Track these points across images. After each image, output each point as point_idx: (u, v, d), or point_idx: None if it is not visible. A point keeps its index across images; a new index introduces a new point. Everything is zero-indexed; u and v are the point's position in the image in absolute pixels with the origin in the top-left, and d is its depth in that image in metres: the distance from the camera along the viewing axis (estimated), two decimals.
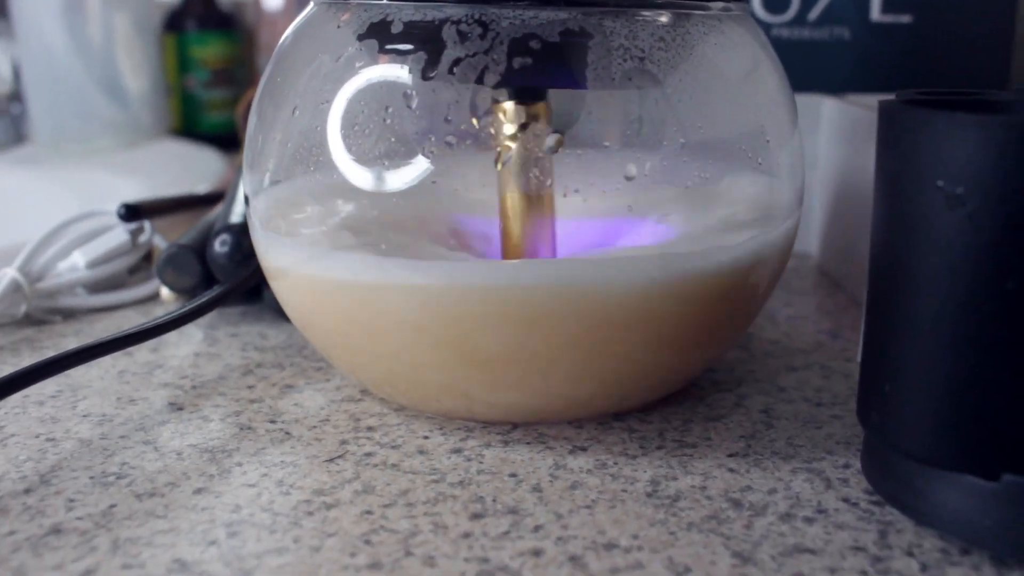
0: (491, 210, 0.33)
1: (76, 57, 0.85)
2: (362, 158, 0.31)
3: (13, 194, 0.82)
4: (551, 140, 0.31)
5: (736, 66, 0.34)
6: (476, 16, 0.30)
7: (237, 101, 0.97)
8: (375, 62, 0.31)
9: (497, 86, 0.30)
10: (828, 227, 0.54)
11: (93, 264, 0.48)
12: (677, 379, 0.36)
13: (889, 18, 0.58)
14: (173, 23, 0.96)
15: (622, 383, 0.34)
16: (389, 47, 0.31)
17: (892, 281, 0.26)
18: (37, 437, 0.34)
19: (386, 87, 0.31)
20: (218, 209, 0.52)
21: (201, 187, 0.69)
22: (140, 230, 0.51)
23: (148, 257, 0.53)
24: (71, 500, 0.30)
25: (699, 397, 0.37)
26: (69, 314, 0.47)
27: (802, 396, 0.37)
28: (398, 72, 0.31)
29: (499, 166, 0.31)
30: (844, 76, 0.58)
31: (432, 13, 0.30)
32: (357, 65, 0.31)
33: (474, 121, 0.31)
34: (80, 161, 0.85)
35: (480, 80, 0.29)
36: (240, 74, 0.98)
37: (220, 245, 0.44)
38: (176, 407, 0.37)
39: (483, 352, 0.32)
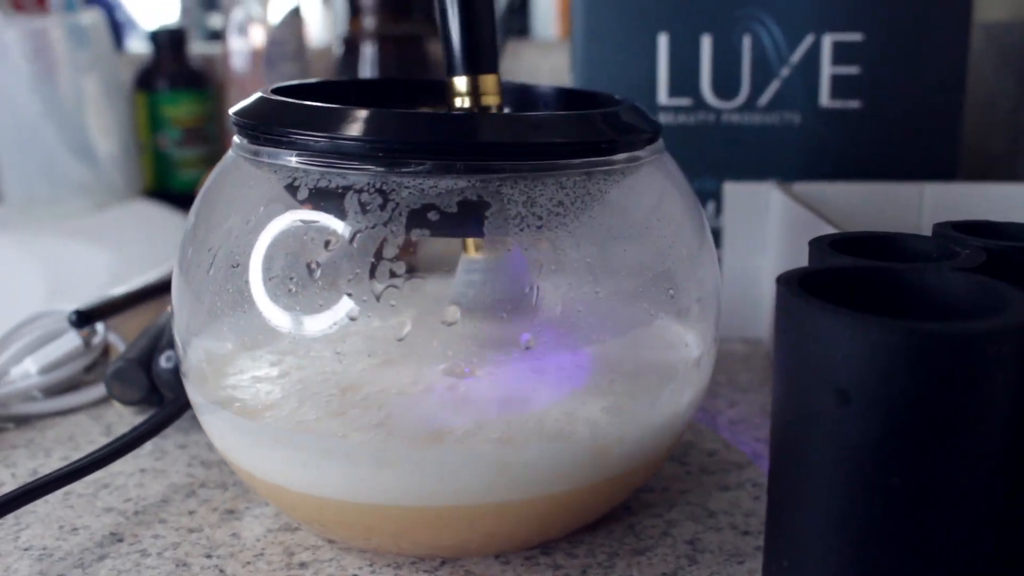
0: (397, 378, 0.34)
1: (47, 121, 0.86)
2: (272, 322, 0.32)
3: None
4: (449, 314, 0.32)
5: (641, 212, 0.34)
6: (378, 185, 0.30)
7: (209, 158, 0.98)
8: (281, 230, 0.32)
9: (395, 258, 0.31)
10: None
11: (46, 370, 0.49)
12: (599, 511, 0.36)
13: (838, 104, 0.59)
14: (144, 81, 0.96)
15: (540, 523, 0.35)
16: (295, 212, 0.32)
17: (787, 465, 0.27)
18: None
19: (292, 256, 0.32)
20: (169, 309, 0.52)
21: (167, 263, 0.69)
22: (93, 332, 0.52)
23: (105, 352, 0.54)
24: None
25: (629, 524, 0.38)
26: (23, 420, 0.48)
27: (730, 523, 0.38)
28: (303, 241, 0.32)
29: (399, 340, 0.32)
30: (794, 161, 0.59)
31: (336, 180, 0.31)
32: (265, 232, 0.32)
33: (374, 293, 0.31)
34: (51, 225, 0.85)
35: (379, 253, 0.30)
36: (212, 131, 0.98)
37: (165, 361, 0.44)
38: (117, 538, 0.37)
39: (400, 510, 0.32)
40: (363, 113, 0.31)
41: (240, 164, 0.35)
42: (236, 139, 0.35)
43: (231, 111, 0.34)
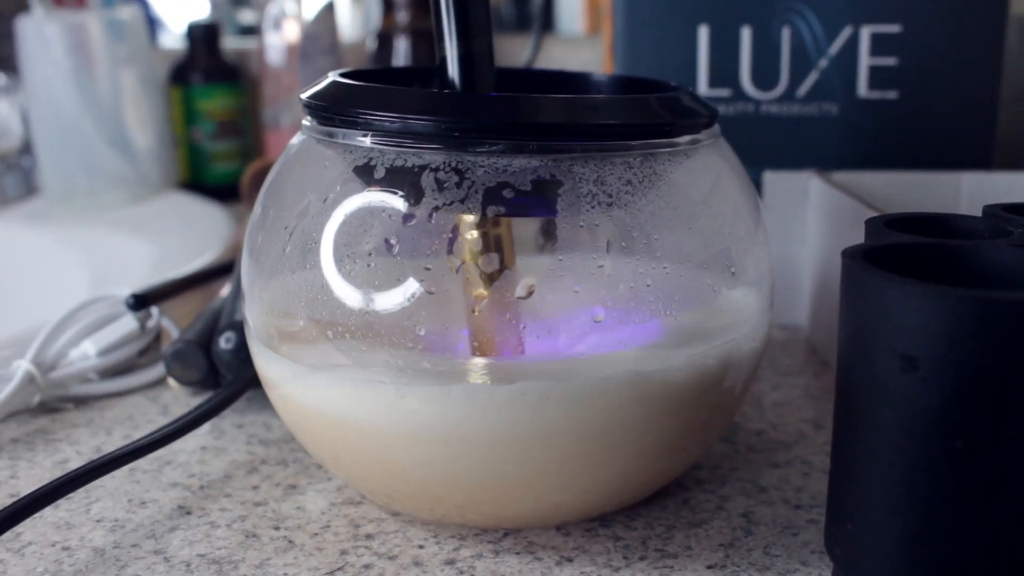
0: (471, 347, 0.35)
1: (85, 114, 0.87)
2: (350, 295, 0.33)
3: (24, 251, 0.84)
4: (522, 288, 0.33)
5: (702, 192, 0.36)
6: (452, 164, 0.31)
7: (243, 152, 0.99)
8: (359, 207, 0.33)
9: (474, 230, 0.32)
10: (816, 302, 0.56)
11: (104, 352, 0.50)
12: (658, 482, 0.37)
13: (876, 94, 0.60)
14: (179, 75, 0.98)
15: (603, 490, 0.36)
16: (373, 191, 0.33)
17: (852, 430, 0.28)
18: (53, 546, 0.36)
19: (370, 232, 0.33)
20: (225, 291, 0.53)
21: (206, 253, 0.71)
22: (148, 316, 0.53)
23: (157, 338, 0.55)
24: None
25: (683, 499, 0.39)
26: (81, 401, 0.49)
27: (782, 497, 0.39)
28: (381, 218, 0.33)
29: (476, 311, 0.33)
30: (832, 151, 0.60)
31: (412, 160, 0.32)
32: (342, 209, 0.33)
33: (451, 267, 0.32)
34: (89, 217, 0.87)
35: (456, 228, 0.31)
36: (244, 124, 1.00)
37: (225, 342, 0.46)
38: (185, 511, 0.39)
39: (470, 468, 0.33)
40: (437, 95, 0.32)
41: (312, 146, 0.36)
42: (306, 122, 0.36)
43: (302, 95, 0.36)
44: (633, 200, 0.32)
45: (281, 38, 0.93)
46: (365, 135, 0.33)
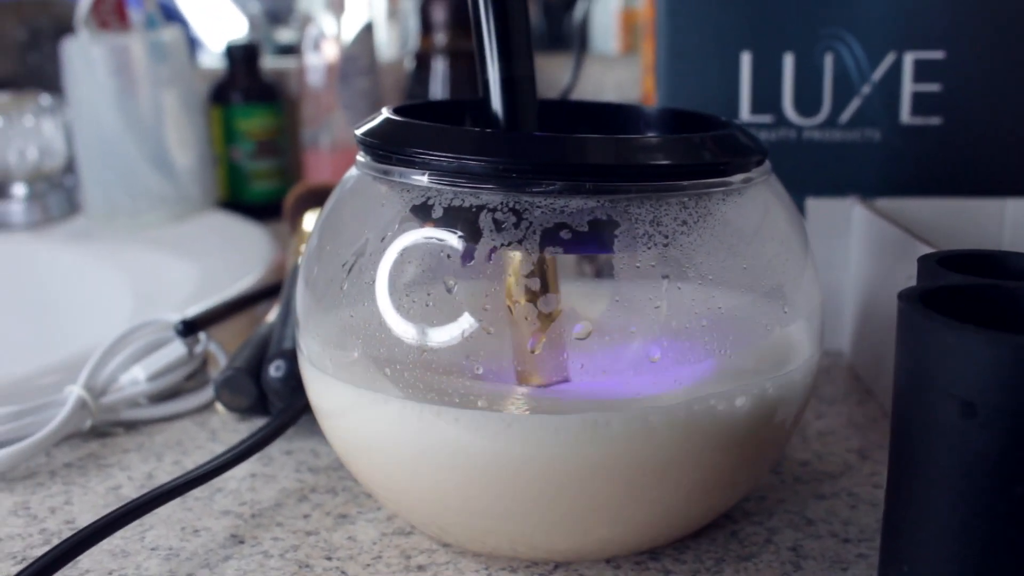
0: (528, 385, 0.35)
1: (127, 134, 0.88)
2: (408, 333, 0.33)
3: (67, 270, 0.85)
4: (580, 328, 0.33)
5: (754, 230, 0.36)
6: (511, 204, 0.32)
7: (281, 171, 1.00)
8: (417, 245, 0.34)
9: (531, 275, 0.33)
10: (859, 329, 0.56)
11: (153, 377, 0.51)
12: (708, 516, 0.38)
13: (919, 120, 0.59)
14: (219, 95, 0.99)
15: (654, 524, 0.36)
16: (430, 230, 0.33)
17: (910, 474, 0.28)
18: (111, 574, 0.37)
19: (428, 271, 0.33)
20: (271, 316, 0.54)
21: (249, 274, 0.71)
22: (196, 341, 0.53)
23: (204, 362, 0.56)
24: None
25: (731, 531, 0.39)
26: (131, 426, 0.50)
27: (830, 531, 0.39)
28: (440, 257, 0.33)
29: (534, 351, 0.34)
30: (874, 177, 0.60)
31: (470, 200, 0.32)
32: (400, 248, 0.34)
33: (509, 308, 0.33)
34: (131, 236, 0.88)
35: (512, 268, 0.32)
36: (283, 144, 1.01)
37: (275, 370, 0.46)
38: (238, 540, 0.39)
39: (523, 501, 0.34)
40: (494, 135, 0.33)
41: (368, 182, 0.36)
42: (361, 157, 0.37)
43: (357, 131, 0.36)
44: (688, 240, 0.33)
45: (320, 59, 0.93)
46: (422, 174, 0.33)
